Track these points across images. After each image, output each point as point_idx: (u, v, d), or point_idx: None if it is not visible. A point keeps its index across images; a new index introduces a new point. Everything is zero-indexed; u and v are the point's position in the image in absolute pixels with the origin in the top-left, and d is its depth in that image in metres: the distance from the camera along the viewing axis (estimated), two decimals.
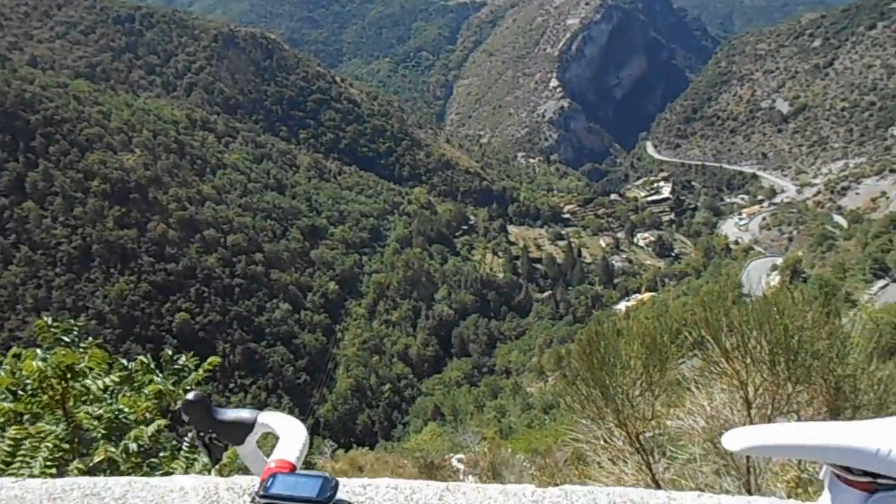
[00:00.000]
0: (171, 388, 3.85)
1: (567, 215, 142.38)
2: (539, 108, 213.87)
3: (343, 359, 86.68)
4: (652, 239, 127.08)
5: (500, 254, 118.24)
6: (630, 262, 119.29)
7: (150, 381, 3.83)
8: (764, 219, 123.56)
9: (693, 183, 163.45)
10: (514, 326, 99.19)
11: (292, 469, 1.13)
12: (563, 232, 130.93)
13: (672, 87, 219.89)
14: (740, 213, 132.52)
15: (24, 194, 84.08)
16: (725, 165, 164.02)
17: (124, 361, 3.99)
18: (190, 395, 1.29)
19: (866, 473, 0.93)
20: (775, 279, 68.65)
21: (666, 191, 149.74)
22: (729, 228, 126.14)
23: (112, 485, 1.95)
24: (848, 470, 0.93)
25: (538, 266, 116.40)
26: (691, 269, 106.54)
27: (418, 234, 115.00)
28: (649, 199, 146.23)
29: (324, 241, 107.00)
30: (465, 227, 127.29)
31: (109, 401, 3.67)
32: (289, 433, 1.25)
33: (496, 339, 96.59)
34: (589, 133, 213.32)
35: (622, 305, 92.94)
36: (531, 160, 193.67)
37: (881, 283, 65.80)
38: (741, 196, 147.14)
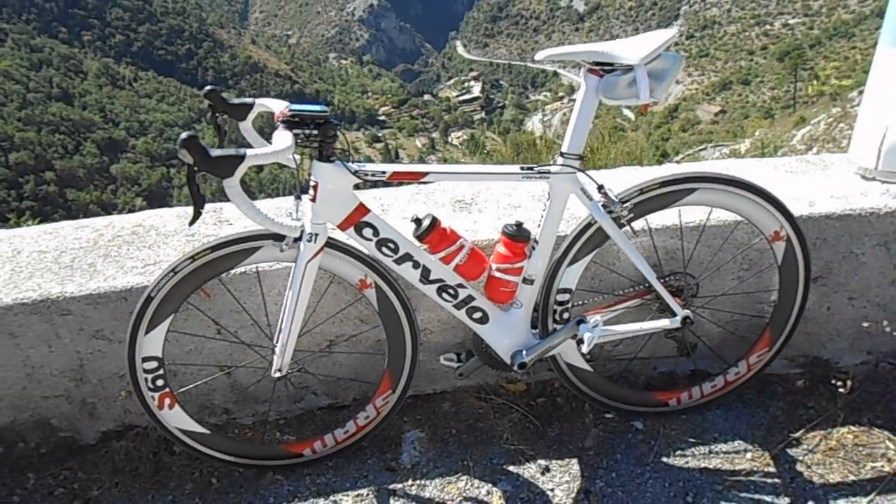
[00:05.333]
0: None
1: (383, 117, 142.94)
2: (348, 6, 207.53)
3: None
4: (465, 137, 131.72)
5: None
6: (445, 160, 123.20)
7: None
8: (564, 114, 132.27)
9: (501, 81, 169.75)
10: None
11: None
12: (379, 134, 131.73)
13: None
14: (544, 110, 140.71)
15: None
16: (530, 64, 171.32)
17: None
18: (208, 87, 1.79)
19: (598, 64, 1.66)
20: None
21: (476, 90, 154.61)
22: (535, 124, 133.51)
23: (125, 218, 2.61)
24: (591, 64, 1.67)
25: None
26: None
27: (230, 142, 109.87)
28: (461, 98, 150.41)
29: (125, 155, 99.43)
30: None
31: None
32: (281, 104, 1.71)
33: None
34: (400, 33, 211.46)
35: None
36: (343, 61, 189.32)
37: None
38: (544, 93, 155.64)
